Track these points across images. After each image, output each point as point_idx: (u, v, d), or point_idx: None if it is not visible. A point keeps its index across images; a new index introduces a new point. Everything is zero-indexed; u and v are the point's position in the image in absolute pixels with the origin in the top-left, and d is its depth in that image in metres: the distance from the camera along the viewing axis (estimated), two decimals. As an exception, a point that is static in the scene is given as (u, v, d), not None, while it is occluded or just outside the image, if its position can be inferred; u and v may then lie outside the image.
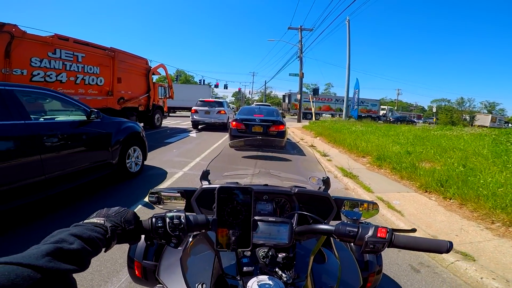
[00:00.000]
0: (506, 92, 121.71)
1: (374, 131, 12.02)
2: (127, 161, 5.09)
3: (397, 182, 5.80)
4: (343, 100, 25.48)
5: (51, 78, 7.56)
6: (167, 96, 15.32)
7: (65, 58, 7.96)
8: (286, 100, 39.45)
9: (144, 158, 5.70)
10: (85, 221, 0.66)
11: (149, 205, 3.90)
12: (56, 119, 3.92)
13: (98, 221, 0.66)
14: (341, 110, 31.01)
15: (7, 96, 3.16)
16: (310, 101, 27.89)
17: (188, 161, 6.89)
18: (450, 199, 4.69)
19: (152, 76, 13.23)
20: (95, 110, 4.34)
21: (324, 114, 36.02)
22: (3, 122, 3.00)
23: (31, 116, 3.31)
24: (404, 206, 4.42)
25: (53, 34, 7.91)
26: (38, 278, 0.43)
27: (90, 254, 0.57)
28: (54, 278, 0.46)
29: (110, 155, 4.62)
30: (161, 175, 5.67)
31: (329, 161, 7.57)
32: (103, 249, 0.64)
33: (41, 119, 3.63)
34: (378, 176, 6.22)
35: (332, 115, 35.08)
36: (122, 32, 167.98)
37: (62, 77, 7.87)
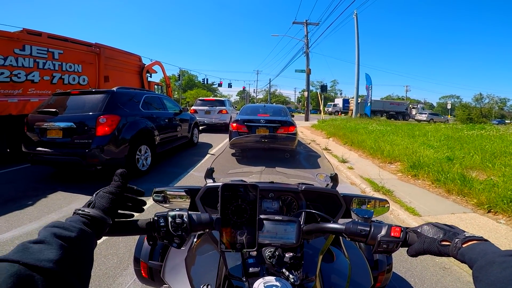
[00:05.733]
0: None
1: (396, 131, 10.65)
2: (193, 137, 8.69)
3: (444, 198, 4.52)
4: None
5: (19, 77, 6.42)
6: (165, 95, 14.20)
7: (37, 55, 6.81)
8: None
9: (198, 136, 9.42)
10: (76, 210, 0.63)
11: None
12: (170, 111, 7.24)
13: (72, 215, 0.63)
14: None
15: (161, 100, 7.10)
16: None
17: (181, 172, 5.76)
18: (527, 222, 3.49)
19: (148, 74, 12.11)
20: (182, 107, 8.25)
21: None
22: (162, 111, 6.82)
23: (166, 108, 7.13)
24: (469, 236, 3.18)
25: (22, 28, 6.79)
26: (15, 270, 0.39)
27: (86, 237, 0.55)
28: (40, 271, 0.42)
29: (187, 132, 8.13)
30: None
31: (350, 169, 6.28)
32: (108, 225, 0.64)
33: (169, 111, 7.16)
34: (417, 190, 4.93)
35: None
36: (120, 32, 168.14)
37: (33, 76, 6.72)
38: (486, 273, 0.49)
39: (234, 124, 7.10)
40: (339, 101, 42.79)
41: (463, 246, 0.59)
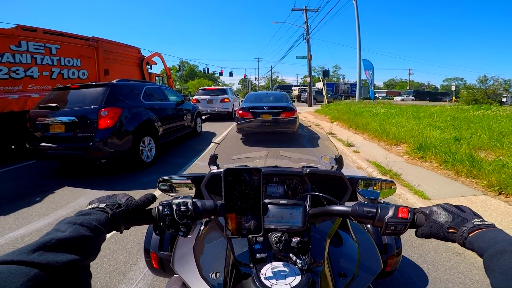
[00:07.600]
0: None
1: (400, 113, 10.50)
2: (196, 126, 8.79)
3: (453, 181, 4.44)
4: None
5: (18, 74, 6.36)
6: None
7: (34, 51, 6.73)
8: None
9: (201, 125, 9.56)
10: (87, 207, 0.65)
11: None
12: (171, 101, 7.22)
13: (99, 205, 0.65)
14: None
15: (162, 91, 7.02)
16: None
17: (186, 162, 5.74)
18: (541, 204, 3.41)
19: (148, 66, 11.99)
20: (184, 97, 8.09)
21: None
22: (164, 102, 6.78)
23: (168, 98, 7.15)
24: (480, 220, 3.12)
25: (16, 25, 6.71)
26: (34, 274, 0.40)
27: (89, 239, 0.53)
28: (56, 271, 0.42)
29: (190, 121, 8.16)
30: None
31: (356, 153, 6.21)
32: (118, 231, 0.66)
33: (170, 101, 7.14)
34: (425, 172, 4.87)
35: None
36: (118, 25, 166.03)
37: (32, 72, 6.67)
38: (498, 263, 0.48)
39: (240, 111, 7.76)
40: (319, 85, 42.42)
41: (470, 235, 0.57)
